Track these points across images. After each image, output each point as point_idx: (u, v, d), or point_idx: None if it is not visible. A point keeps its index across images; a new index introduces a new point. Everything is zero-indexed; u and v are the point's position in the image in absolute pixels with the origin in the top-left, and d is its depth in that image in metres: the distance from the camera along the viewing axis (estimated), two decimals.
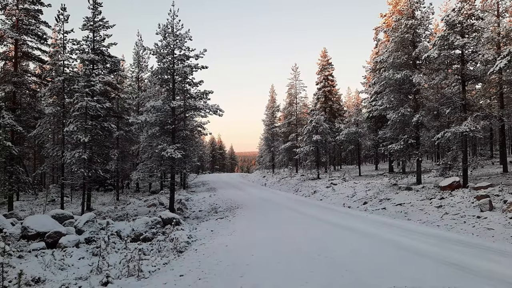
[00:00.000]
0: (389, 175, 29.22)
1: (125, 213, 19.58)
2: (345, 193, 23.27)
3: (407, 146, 21.17)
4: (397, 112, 21.41)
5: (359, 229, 12.59)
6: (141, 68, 37.25)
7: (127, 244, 11.07)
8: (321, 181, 30.99)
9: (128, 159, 33.29)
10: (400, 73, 21.13)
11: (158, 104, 19.28)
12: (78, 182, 21.29)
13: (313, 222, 14.67)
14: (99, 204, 25.68)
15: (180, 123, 21.39)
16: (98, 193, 33.28)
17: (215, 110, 19.60)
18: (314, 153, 35.66)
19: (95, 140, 21.99)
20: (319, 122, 34.92)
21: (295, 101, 50.98)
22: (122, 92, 28.98)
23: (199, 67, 20.11)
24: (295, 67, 50.68)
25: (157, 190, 34.51)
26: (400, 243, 10.24)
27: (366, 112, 36.95)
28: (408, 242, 10.25)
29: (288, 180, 37.75)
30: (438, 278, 7.11)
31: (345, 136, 34.73)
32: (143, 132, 21.40)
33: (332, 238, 11.43)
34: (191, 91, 21.02)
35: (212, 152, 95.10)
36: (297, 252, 9.75)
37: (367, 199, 19.87)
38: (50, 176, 38.31)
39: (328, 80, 45.74)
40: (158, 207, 22.06)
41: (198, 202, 25.71)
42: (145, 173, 20.76)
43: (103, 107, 21.75)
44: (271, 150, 56.63)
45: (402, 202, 16.97)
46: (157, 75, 20.48)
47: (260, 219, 16.43)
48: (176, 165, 20.25)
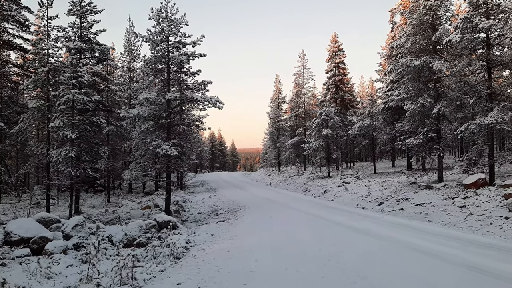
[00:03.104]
0: (407, 172, 29.17)
1: (117, 216, 19.66)
2: (358, 192, 23.26)
3: (427, 140, 21.10)
4: (416, 102, 21.32)
5: (374, 232, 12.59)
6: (133, 57, 37.27)
7: (120, 250, 11.12)
8: (332, 180, 30.98)
9: (120, 157, 33.36)
10: (419, 60, 21.01)
11: (151, 97, 19.30)
12: (65, 183, 21.39)
13: (323, 225, 14.70)
14: (89, 207, 25.79)
15: (176, 117, 21.45)
16: (87, 194, 33.41)
17: (215, 102, 19.59)
18: (324, 148, 35.62)
19: (83, 137, 22.06)
20: (329, 114, 34.85)
21: (302, 92, 50.89)
22: (112, 83, 28.98)
23: (196, 55, 20.09)
24: (303, 54, 50.57)
25: (151, 191, 34.63)
26: (419, 246, 10.24)
27: (382, 103, 36.83)
28: (428, 246, 10.25)
29: (296, 179, 37.77)
30: (460, 285, 7.11)
31: (358, 129, 34.66)
32: (136, 127, 21.45)
33: (344, 241, 11.45)
34: (187, 81, 21.04)
35: (212, 149, 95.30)
36: (306, 257, 9.77)
37: (383, 199, 19.86)
38: (35, 177, 38.53)
39: (339, 68, 45.61)
40: (153, 209, 22.14)
41: (196, 204, 25.79)
42: (138, 172, 20.83)
43: (91, 100, 21.80)
44: (276, 146, 56.63)
45: (422, 202, 16.94)
46: (151, 65, 20.50)
47: (264, 221, 16.47)
48: (172, 163, 20.30)
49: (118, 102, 33.31)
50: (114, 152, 30.35)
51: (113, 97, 32.24)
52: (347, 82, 47.41)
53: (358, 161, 63.41)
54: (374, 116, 35.51)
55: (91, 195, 33.17)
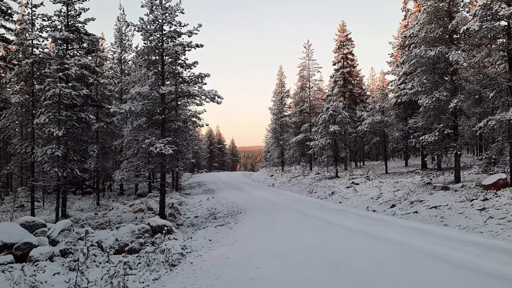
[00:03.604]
0: (421, 172, 29.12)
1: (107, 220, 19.67)
2: (369, 194, 23.25)
3: (443, 137, 21.05)
4: (431, 96, 21.26)
5: (386, 237, 12.58)
6: (124, 48, 37.23)
7: (110, 257, 11.13)
8: (340, 180, 30.97)
9: (110, 156, 33.36)
10: (434, 50, 20.95)
11: (144, 91, 19.28)
12: (51, 184, 21.41)
13: (330, 229, 14.68)
14: (77, 210, 25.83)
15: (171, 113, 21.43)
16: (75, 196, 33.47)
17: (213, 96, 19.55)
18: (331, 146, 35.58)
19: (71, 134, 22.08)
20: (337, 109, 34.80)
21: (308, 85, 50.83)
22: (102, 76, 29.00)
23: (192, 46, 20.05)
24: (308, 44, 50.48)
25: (144, 192, 34.65)
26: (435, 252, 10.22)
27: (394, 97, 36.76)
28: (445, 252, 10.23)
29: (301, 180, 37.75)
30: None
31: (368, 126, 34.60)
32: (127, 124, 21.43)
33: (353, 247, 11.44)
34: (183, 74, 21.01)
35: (210, 147, 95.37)
36: (312, 264, 9.77)
37: (396, 201, 19.83)
38: (18, 177, 38.59)
39: (347, 59, 45.56)
40: (146, 212, 22.15)
41: (193, 207, 25.80)
42: (130, 172, 20.83)
43: (79, 94, 21.81)
44: (280, 144, 56.63)
45: (438, 205, 16.91)
46: (143, 56, 20.47)
47: (267, 226, 16.46)
48: (167, 162, 20.29)
49: (108, 97, 33.29)
50: (104, 151, 30.36)
51: (103, 91, 32.23)
52: (356, 75, 47.36)
53: (368, 160, 63.37)
54: (386, 111, 35.44)
55: (79, 197, 33.21)
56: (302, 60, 51.23)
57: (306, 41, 50.58)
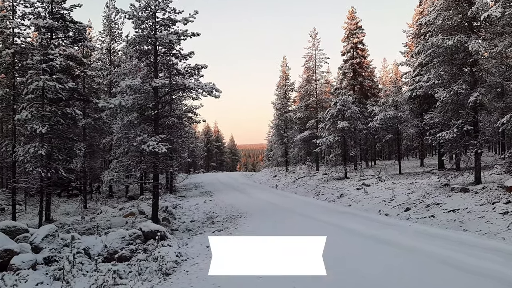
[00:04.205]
0: (438, 172, 29.09)
1: (95, 225, 19.68)
2: (381, 196, 23.24)
3: (462, 135, 21.00)
4: (449, 90, 21.22)
5: (399, 242, 12.57)
6: (114, 37, 37.25)
7: (98, 265, 11.12)
8: (350, 182, 30.96)
9: (99, 155, 33.40)
10: (452, 39, 20.89)
11: (136, 83, 19.24)
12: (34, 186, 21.41)
13: (339, 234, 14.66)
14: (62, 214, 25.85)
15: (164, 108, 21.41)
16: (60, 199, 33.51)
17: (210, 90, 19.52)
18: (339, 144, 35.56)
19: (56, 131, 22.07)
20: (346, 104, 34.77)
21: (314, 77, 50.82)
22: (89, 68, 29.01)
23: (188, 35, 20.00)
24: (314, 32, 50.46)
25: (136, 195, 34.69)
26: (454, 260, 10.20)
27: (408, 90, 36.69)
28: (464, 259, 10.21)
29: (306, 181, 37.76)
30: None
31: (380, 122, 34.54)
32: (117, 119, 21.43)
33: (364, 254, 11.43)
34: (178, 65, 20.97)
35: (207, 145, 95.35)
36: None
37: (410, 204, 19.82)
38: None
39: (357, 49, 45.46)
40: (137, 217, 22.17)
41: (189, 210, 25.81)
42: (120, 173, 20.83)
43: (65, 87, 21.78)
44: (283, 142, 56.61)
45: (456, 208, 16.88)
46: (135, 46, 20.42)
47: (269, 231, 16.44)
48: (161, 162, 20.27)
49: (96, 90, 33.31)
50: (92, 149, 30.39)
51: (90, 84, 32.25)
52: (367, 66, 47.26)
53: (380, 159, 63.34)
54: (399, 106, 35.38)
55: (65, 200, 33.25)
56: (308, 50, 51.30)
57: (312, 30, 50.67)
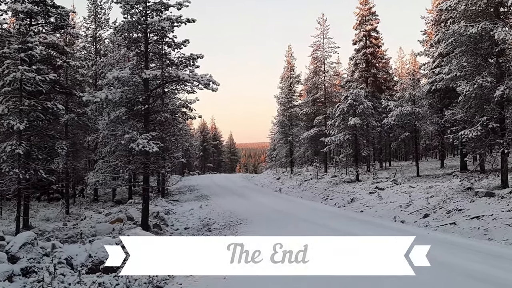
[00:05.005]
0: (460, 175, 29.02)
1: (78, 232, 19.68)
2: (396, 201, 23.21)
3: (487, 133, 20.94)
4: (472, 82, 21.16)
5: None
6: (100, 23, 37.20)
7: (82, 277, 11.10)
8: (362, 185, 30.94)
9: (83, 154, 33.37)
10: (476, 26, 20.81)
11: (124, 75, 19.23)
12: (11, 188, 21.37)
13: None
14: (42, 220, 25.84)
15: (156, 102, 21.42)
16: (39, 203, 33.51)
17: (207, 82, 19.50)
18: (350, 143, 35.53)
19: (35, 128, 22.06)
20: (358, 98, 34.72)
21: (322, 69, 50.76)
22: (72, 58, 28.97)
23: (183, 21, 19.95)
24: (323, 19, 50.39)
25: (124, 199, 34.67)
26: (478, 273, 10.19)
27: (427, 83, 36.65)
28: (489, 271, 10.21)
29: (314, 184, 37.74)
30: None
31: (396, 118, 34.49)
32: (104, 115, 21.42)
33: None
34: (171, 55, 20.95)
35: (203, 144, 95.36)
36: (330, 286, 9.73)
37: (429, 210, 19.80)
38: None
39: (370, 37, 45.43)
40: (125, 223, 22.16)
41: (183, 216, 25.81)
42: (106, 174, 20.80)
43: (45, 79, 21.77)
44: (288, 140, 56.55)
45: (480, 215, 16.84)
46: (123, 33, 20.39)
47: None
48: (151, 162, 20.26)
49: (80, 83, 33.26)
50: (75, 148, 30.35)
51: (74, 76, 32.19)
52: (381, 56, 47.22)
53: (396, 160, 63.33)
54: (417, 101, 35.34)
55: (45, 205, 33.26)
56: (316, 38, 51.18)
57: (321, 15, 50.55)
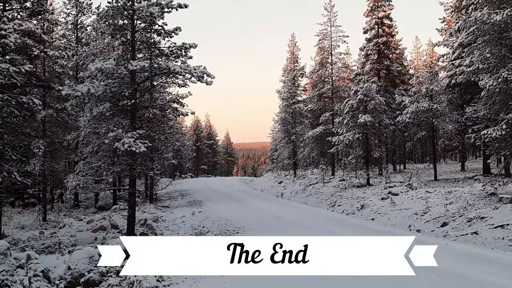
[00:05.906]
0: (483, 179, 29.04)
1: (56, 241, 19.68)
2: (411, 208, 23.20)
3: None
4: (496, 76, 21.17)
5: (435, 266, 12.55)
6: (82, 8, 37.18)
7: None
8: (373, 190, 30.92)
9: (62, 155, 33.36)
10: (501, 13, 20.83)
11: (108, 66, 19.21)
12: None
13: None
14: (16, 228, 25.85)
15: (144, 97, 21.41)
16: (13, 209, 33.49)
17: (201, 75, 19.47)
18: (361, 143, 35.52)
19: (8, 125, 22.06)
20: (369, 93, 34.71)
21: (329, 60, 50.76)
22: (51, 47, 28.98)
23: (174, 6, 19.89)
24: (330, 4, 50.41)
25: (107, 204, 34.67)
26: (489, 284, 10.28)
27: (446, 76, 36.64)
28: (504, 283, 10.30)
29: (319, 188, 37.75)
30: None
31: (411, 116, 34.45)
32: (85, 111, 21.45)
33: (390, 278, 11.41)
34: (161, 44, 20.91)
35: (197, 144, 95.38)
36: None
37: (448, 218, 19.80)
38: None
39: (383, 25, 45.42)
40: (109, 231, 22.16)
41: (174, 224, 25.78)
42: (88, 177, 20.81)
43: (20, 71, 21.76)
44: (291, 140, 56.55)
45: (505, 223, 16.85)
46: (107, 20, 20.35)
47: None
48: (138, 163, 20.25)
49: (59, 75, 33.28)
50: (54, 148, 30.34)
51: (52, 67, 32.19)
52: (395, 46, 47.20)
53: (411, 162, 63.38)
54: (435, 96, 35.31)
55: (20, 211, 33.25)
56: (322, 26, 51.12)
57: (328, 1, 50.42)
